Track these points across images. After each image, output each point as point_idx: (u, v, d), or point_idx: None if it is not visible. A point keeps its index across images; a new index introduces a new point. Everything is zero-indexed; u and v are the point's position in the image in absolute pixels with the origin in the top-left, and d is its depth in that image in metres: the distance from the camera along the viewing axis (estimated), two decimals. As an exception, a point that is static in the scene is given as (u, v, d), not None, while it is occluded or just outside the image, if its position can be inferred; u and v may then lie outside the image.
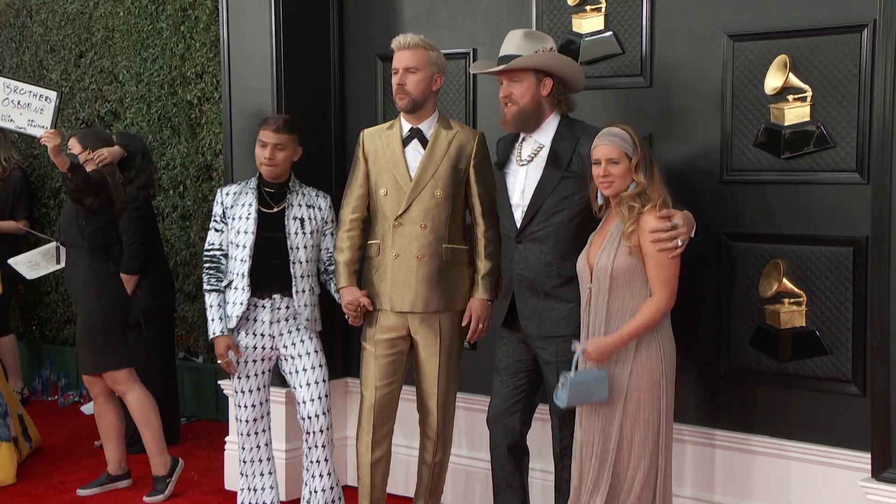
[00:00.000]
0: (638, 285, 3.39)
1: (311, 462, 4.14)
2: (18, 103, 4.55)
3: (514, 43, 3.69)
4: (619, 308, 3.41)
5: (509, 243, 3.77)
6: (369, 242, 3.98)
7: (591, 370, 3.40)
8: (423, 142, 3.88)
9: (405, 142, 3.90)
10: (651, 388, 3.41)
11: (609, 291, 3.41)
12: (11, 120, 4.56)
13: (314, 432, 4.10)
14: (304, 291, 4.08)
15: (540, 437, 4.10)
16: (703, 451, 3.99)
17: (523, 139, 3.77)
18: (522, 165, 3.73)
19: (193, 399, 6.16)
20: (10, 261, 5.50)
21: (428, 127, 3.89)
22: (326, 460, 4.12)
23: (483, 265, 3.89)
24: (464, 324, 3.91)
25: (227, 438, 4.99)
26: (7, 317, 6.60)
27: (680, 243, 3.37)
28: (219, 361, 4.13)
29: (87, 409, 6.37)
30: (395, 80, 3.85)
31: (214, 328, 4.08)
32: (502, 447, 3.89)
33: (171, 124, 6.09)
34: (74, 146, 5.02)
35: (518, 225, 3.70)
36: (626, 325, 3.37)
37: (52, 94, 4.57)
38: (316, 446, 4.11)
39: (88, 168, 4.76)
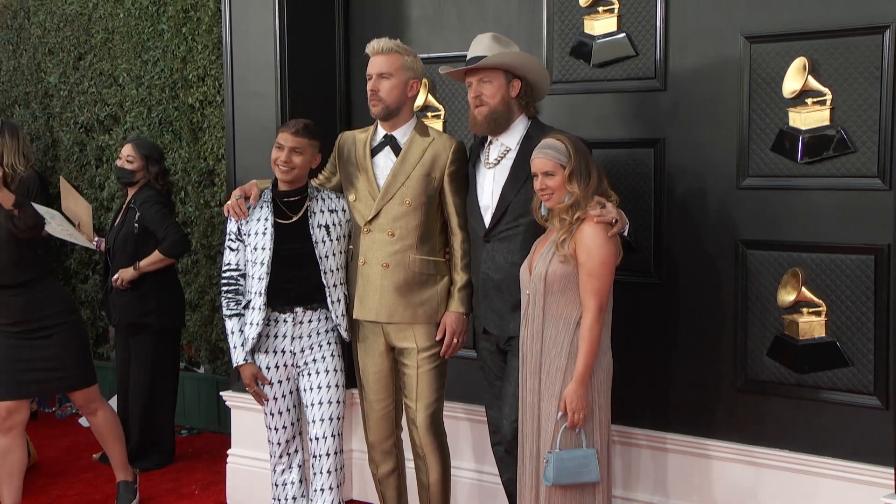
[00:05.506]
0: (573, 295, 3.35)
1: (315, 490, 3.96)
2: None
3: (483, 45, 3.66)
4: (554, 315, 3.37)
5: (478, 243, 3.73)
6: (350, 246, 3.95)
7: (577, 448, 3.32)
8: (396, 149, 3.81)
9: (378, 148, 3.84)
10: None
11: (544, 298, 3.38)
12: None
13: (320, 455, 3.92)
14: (339, 301, 3.90)
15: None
16: (719, 465, 3.91)
17: (490, 142, 3.74)
18: (490, 168, 3.71)
19: (195, 410, 6.05)
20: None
21: (402, 134, 3.82)
22: (331, 489, 3.92)
23: (459, 277, 3.81)
24: (437, 338, 3.81)
25: (229, 451, 4.90)
26: None
27: (614, 221, 3.32)
28: (248, 391, 3.95)
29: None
30: (368, 85, 3.78)
31: (237, 357, 3.87)
32: (505, 458, 3.82)
33: (173, 128, 6.00)
34: (135, 160, 4.78)
35: (486, 225, 3.68)
36: (577, 362, 3.30)
37: None
38: (321, 472, 3.93)
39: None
